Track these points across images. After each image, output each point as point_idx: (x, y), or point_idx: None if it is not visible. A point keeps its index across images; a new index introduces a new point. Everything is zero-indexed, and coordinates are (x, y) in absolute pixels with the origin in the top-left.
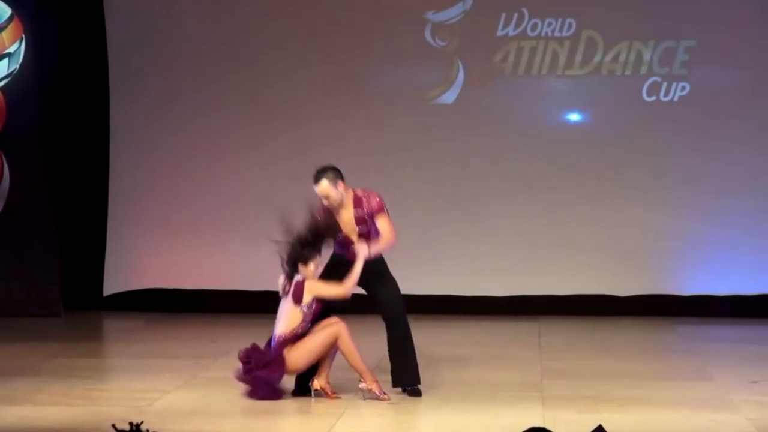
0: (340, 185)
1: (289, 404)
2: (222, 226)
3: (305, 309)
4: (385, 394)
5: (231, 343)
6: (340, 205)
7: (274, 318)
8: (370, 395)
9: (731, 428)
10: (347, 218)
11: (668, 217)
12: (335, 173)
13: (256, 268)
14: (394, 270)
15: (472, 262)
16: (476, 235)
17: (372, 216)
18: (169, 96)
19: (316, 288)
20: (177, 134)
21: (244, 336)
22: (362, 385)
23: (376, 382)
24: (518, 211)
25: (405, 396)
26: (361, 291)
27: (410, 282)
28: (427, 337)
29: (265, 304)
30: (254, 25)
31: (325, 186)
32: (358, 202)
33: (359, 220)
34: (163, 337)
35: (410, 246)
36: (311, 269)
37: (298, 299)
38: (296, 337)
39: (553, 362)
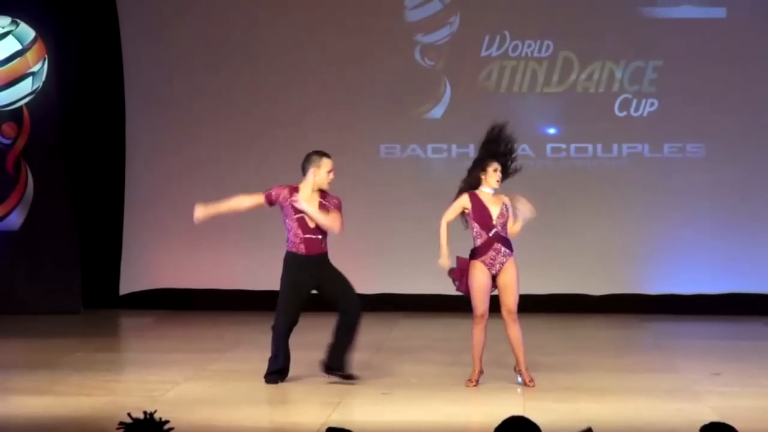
0: None
1: (289, 393)
2: (230, 228)
3: None
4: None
5: (237, 339)
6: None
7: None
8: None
9: (696, 416)
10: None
11: (637, 223)
12: None
13: (262, 268)
14: (395, 271)
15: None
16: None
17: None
18: (181, 106)
19: None
20: (189, 141)
21: (249, 332)
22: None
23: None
24: None
25: (396, 387)
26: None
27: (402, 281)
28: (417, 333)
29: (267, 302)
30: (261, 41)
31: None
32: (324, 196)
33: (322, 206)
34: (175, 334)
35: (402, 249)
36: None
37: None
38: None
39: (532, 357)
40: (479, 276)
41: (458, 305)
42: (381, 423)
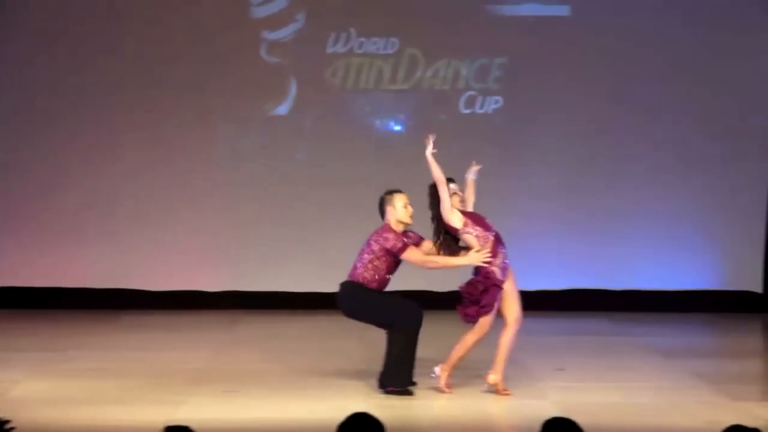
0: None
1: (133, 391)
2: (71, 226)
3: None
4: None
5: (81, 338)
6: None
7: (122, 313)
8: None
9: (539, 411)
10: None
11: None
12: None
13: (106, 266)
14: (243, 269)
15: (309, 261)
16: (313, 236)
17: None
18: (12, 101)
19: None
20: (21, 138)
21: (92, 331)
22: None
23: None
24: (350, 211)
25: (239, 385)
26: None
27: (247, 279)
28: (261, 330)
29: (111, 300)
30: (106, 35)
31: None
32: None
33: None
34: (16, 332)
35: (256, 246)
36: None
37: None
38: None
39: (375, 352)
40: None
41: (301, 303)
42: (223, 421)
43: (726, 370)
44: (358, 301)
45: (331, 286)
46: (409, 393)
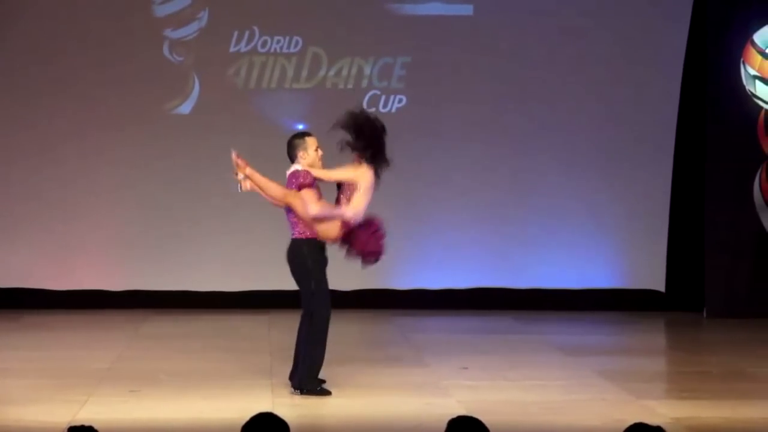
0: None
1: (38, 390)
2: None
3: None
4: None
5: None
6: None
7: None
8: None
9: (444, 410)
10: None
11: (386, 221)
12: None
13: (5, 266)
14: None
15: (215, 260)
16: (219, 235)
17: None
18: None
19: None
20: None
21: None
22: None
23: None
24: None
25: (144, 384)
26: None
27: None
28: (166, 330)
29: (10, 299)
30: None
31: None
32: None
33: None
34: None
35: (161, 245)
36: None
37: None
38: None
39: (282, 352)
40: None
41: (206, 303)
42: (128, 420)
43: (630, 368)
44: (306, 260)
45: (238, 285)
46: (328, 393)
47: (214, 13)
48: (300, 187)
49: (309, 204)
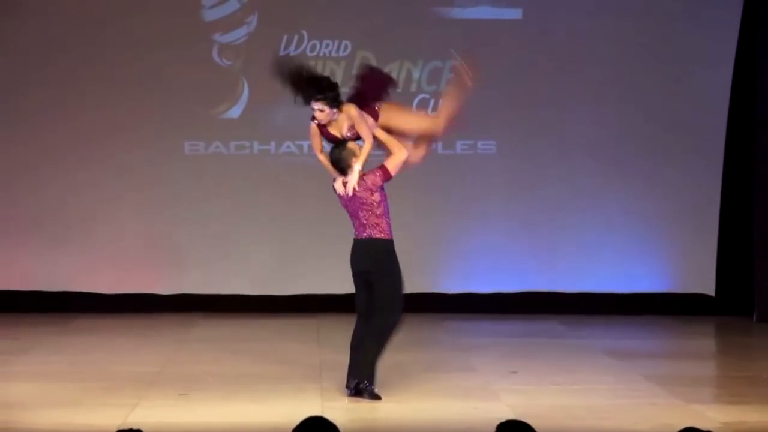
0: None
1: (86, 394)
2: (17, 228)
3: None
4: None
5: (32, 341)
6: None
7: (72, 317)
8: None
9: (493, 414)
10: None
11: (432, 222)
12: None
13: (54, 269)
14: (195, 271)
15: (266, 263)
16: (275, 237)
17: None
18: None
19: None
20: None
21: (44, 334)
22: None
23: None
24: (292, 217)
25: (193, 388)
26: None
27: (201, 281)
28: (215, 333)
29: (61, 303)
30: (60, 38)
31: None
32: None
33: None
34: None
35: (205, 247)
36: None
37: None
38: None
39: (331, 355)
40: None
41: (259, 306)
42: (178, 424)
43: (679, 373)
44: (393, 261)
45: (286, 289)
46: (378, 397)
47: (263, 17)
48: (384, 173)
49: (404, 147)
